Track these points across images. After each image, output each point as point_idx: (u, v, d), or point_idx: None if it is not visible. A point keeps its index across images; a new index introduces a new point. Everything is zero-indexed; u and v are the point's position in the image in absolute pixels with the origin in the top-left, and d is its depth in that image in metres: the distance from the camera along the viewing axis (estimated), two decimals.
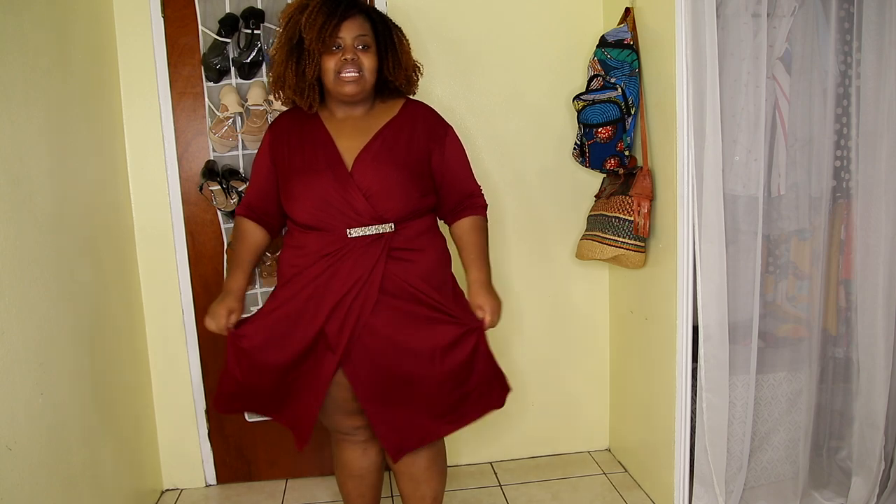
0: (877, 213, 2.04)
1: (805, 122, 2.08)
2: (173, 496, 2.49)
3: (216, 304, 1.77)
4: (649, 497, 2.35)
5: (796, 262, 2.18)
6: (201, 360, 2.47)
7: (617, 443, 2.66)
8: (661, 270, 2.16)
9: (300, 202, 1.71)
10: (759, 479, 2.23)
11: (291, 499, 2.43)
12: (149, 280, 2.40)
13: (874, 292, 2.06)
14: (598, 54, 2.22)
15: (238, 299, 1.79)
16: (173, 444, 2.50)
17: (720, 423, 2.07)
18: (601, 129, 2.18)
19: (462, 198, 1.83)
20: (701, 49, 1.93)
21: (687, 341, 2.07)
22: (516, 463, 2.64)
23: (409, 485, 1.88)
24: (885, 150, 1.99)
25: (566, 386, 2.66)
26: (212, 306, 1.77)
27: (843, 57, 2.08)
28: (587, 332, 2.64)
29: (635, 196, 2.16)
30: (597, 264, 2.56)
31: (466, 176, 1.84)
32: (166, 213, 2.37)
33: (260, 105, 2.27)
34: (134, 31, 2.30)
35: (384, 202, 1.67)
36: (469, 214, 1.83)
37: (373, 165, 1.68)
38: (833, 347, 2.24)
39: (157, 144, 2.35)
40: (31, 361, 1.65)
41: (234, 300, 1.78)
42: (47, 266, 1.75)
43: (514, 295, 2.57)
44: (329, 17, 1.62)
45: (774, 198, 2.12)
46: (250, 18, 2.26)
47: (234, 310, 1.76)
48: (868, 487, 2.12)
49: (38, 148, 1.75)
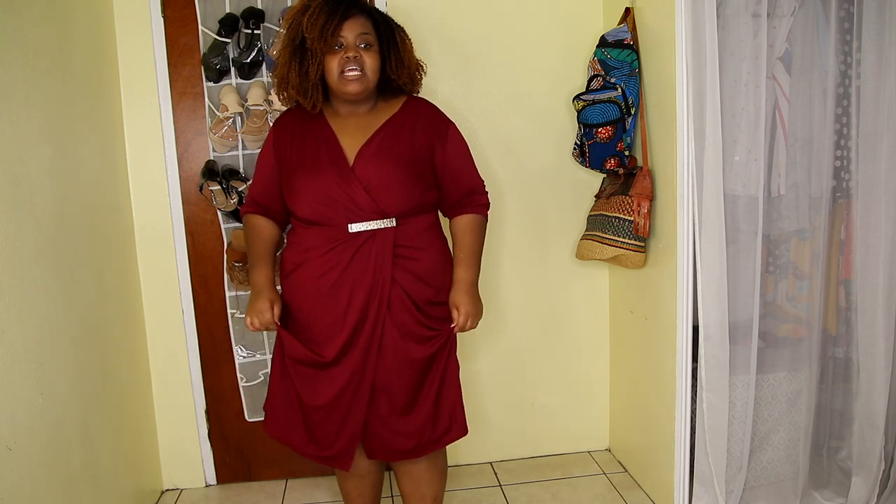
0: (877, 213, 2.04)
1: (805, 122, 2.08)
2: (173, 496, 2.49)
3: (256, 302, 1.77)
4: (649, 497, 2.35)
5: (796, 262, 2.18)
6: (201, 360, 2.46)
7: (617, 443, 2.66)
8: (661, 270, 2.16)
9: (303, 197, 1.72)
10: (759, 479, 2.23)
11: (291, 499, 2.43)
12: (149, 280, 2.40)
13: (874, 292, 2.06)
14: (598, 54, 2.22)
15: (272, 289, 1.79)
16: (173, 444, 2.50)
17: (720, 423, 2.07)
18: (601, 129, 2.19)
19: (464, 193, 1.83)
20: (701, 49, 1.93)
21: (687, 341, 2.07)
22: (516, 463, 2.64)
23: (410, 484, 1.88)
24: (885, 150, 1.99)
25: (566, 386, 2.66)
26: (251, 305, 1.77)
27: (843, 57, 2.08)
28: (587, 332, 2.64)
29: (635, 196, 2.16)
30: (597, 264, 2.56)
31: (469, 171, 1.85)
32: (166, 213, 2.38)
33: (260, 105, 2.27)
34: (134, 31, 2.30)
35: (385, 197, 1.68)
36: (469, 212, 1.83)
37: (374, 161, 1.69)
38: (833, 347, 2.24)
39: (157, 144, 2.35)
40: (31, 361, 1.65)
41: (270, 292, 1.79)
42: (47, 266, 1.75)
43: (514, 295, 2.58)
44: (330, 16, 1.63)
45: (774, 198, 2.12)
46: (250, 18, 2.26)
47: (274, 301, 1.77)
48: (868, 487, 2.12)
49: (38, 148, 1.75)
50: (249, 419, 2.50)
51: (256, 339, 2.46)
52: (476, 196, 1.85)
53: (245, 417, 2.49)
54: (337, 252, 1.69)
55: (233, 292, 2.42)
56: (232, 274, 2.36)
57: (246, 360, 2.46)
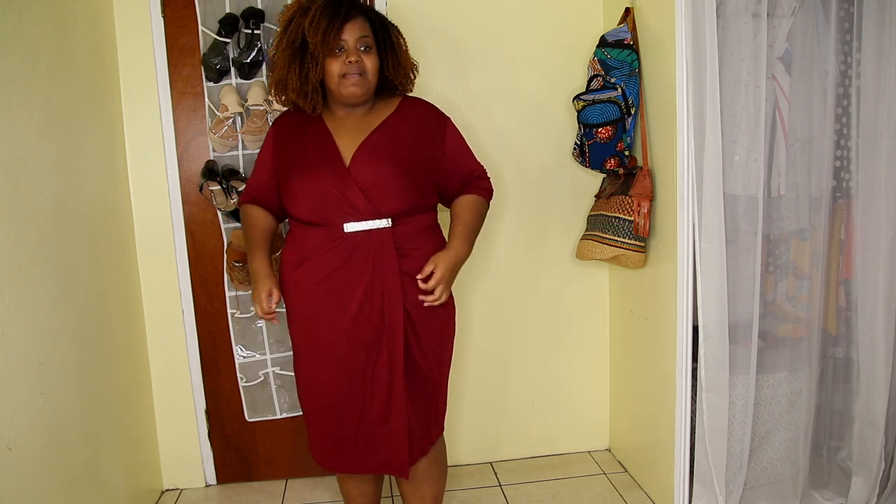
0: (877, 213, 2.04)
1: (805, 122, 2.08)
2: (173, 496, 2.49)
3: (254, 293, 1.78)
4: (649, 497, 2.35)
5: (796, 262, 2.18)
6: (201, 360, 2.46)
7: (617, 443, 2.66)
8: (661, 270, 2.16)
9: (300, 198, 1.72)
10: (759, 479, 2.23)
11: (291, 499, 2.43)
12: (149, 280, 2.40)
13: (874, 292, 2.06)
14: (598, 54, 2.22)
15: (269, 277, 1.79)
16: (173, 444, 2.50)
17: (720, 423, 2.07)
18: (601, 129, 2.18)
19: (465, 178, 1.84)
20: (701, 49, 1.93)
21: (687, 341, 2.07)
22: (516, 463, 2.64)
23: (410, 484, 1.88)
24: (885, 150, 1.99)
25: (566, 386, 2.66)
26: (253, 294, 1.78)
27: (843, 57, 2.08)
28: (587, 332, 2.64)
29: (635, 196, 2.16)
30: (597, 264, 2.56)
31: (468, 157, 1.86)
32: (166, 212, 2.38)
33: (260, 105, 2.27)
34: (134, 31, 2.30)
35: (381, 196, 1.68)
36: (471, 193, 1.85)
37: (370, 160, 1.69)
38: (833, 347, 2.24)
39: (157, 144, 2.35)
40: (32, 361, 1.65)
41: (268, 279, 1.78)
42: (47, 266, 1.75)
43: (514, 295, 2.57)
44: (332, 19, 1.63)
45: (774, 198, 2.12)
46: (250, 18, 2.26)
47: (271, 289, 1.77)
48: (868, 487, 2.12)
49: (38, 148, 1.75)
50: (249, 419, 2.50)
51: (256, 340, 2.46)
52: (478, 180, 1.86)
53: (245, 417, 2.49)
54: (334, 252, 1.69)
55: (233, 292, 2.42)
56: (232, 274, 2.36)
57: (246, 360, 2.46)
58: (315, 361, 1.76)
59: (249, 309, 2.42)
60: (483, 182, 1.88)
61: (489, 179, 1.90)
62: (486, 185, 1.88)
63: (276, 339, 2.46)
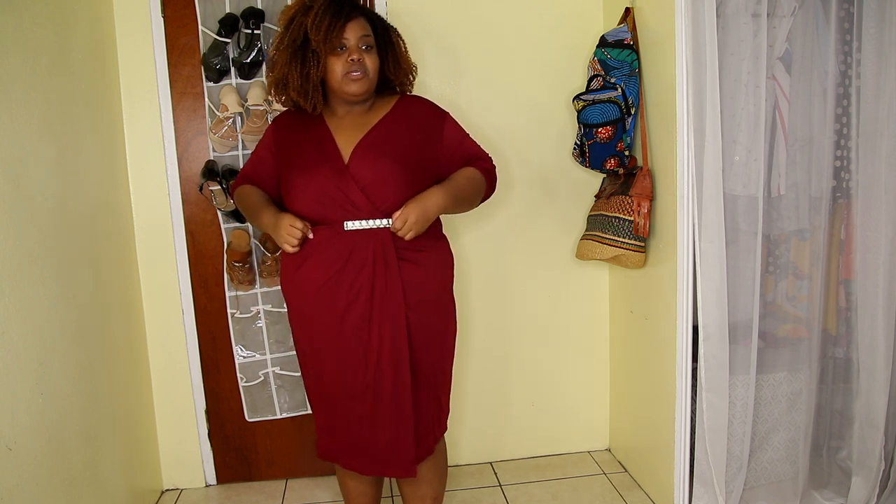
0: (877, 213, 2.04)
1: (805, 122, 2.08)
2: (173, 496, 2.49)
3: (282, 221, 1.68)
4: (649, 497, 2.35)
5: (796, 262, 2.18)
6: (201, 360, 2.46)
7: (617, 443, 2.66)
8: (661, 270, 2.16)
9: (300, 196, 1.72)
10: (759, 479, 2.23)
11: (291, 499, 2.43)
12: (149, 280, 2.40)
13: (874, 292, 2.06)
14: (598, 54, 2.22)
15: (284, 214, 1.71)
16: (173, 444, 2.50)
17: (720, 423, 2.07)
18: (601, 129, 2.18)
19: (467, 161, 1.84)
20: (701, 49, 1.93)
21: (687, 341, 2.07)
22: (516, 463, 2.64)
23: (410, 485, 1.88)
24: (885, 150, 1.99)
25: (566, 386, 2.66)
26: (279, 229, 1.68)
27: (843, 57, 2.08)
28: (587, 332, 2.64)
29: (635, 196, 2.16)
30: (597, 264, 2.56)
31: (469, 144, 1.86)
32: (166, 213, 2.38)
33: (260, 105, 2.27)
34: (134, 31, 2.30)
35: (380, 194, 1.68)
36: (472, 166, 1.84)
37: (369, 158, 1.70)
38: (833, 347, 2.24)
39: (157, 144, 2.35)
40: (32, 361, 1.65)
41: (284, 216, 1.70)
42: (47, 266, 1.75)
43: (514, 294, 2.57)
44: (334, 18, 1.64)
45: (774, 198, 2.12)
46: (250, 18, 2.26)
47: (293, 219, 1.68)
48: (868, 487, 2.12)
49: (38, 148, 1.75)
50: (249, 419, 2.50)
51: (256, 340, 2.46)
52: (480, 161, 1.86)
53: (245, 417, 2.49)
54: (335, 251, 1.69)
55: (233, 292, 2.42)
56: (232, 274, 2.36)
57: (246, 360, 2.46)
58: (319, 361, 1.76)
59: (250, 309, 2.42)
60: (486, 164, 1.87)
61: (494, 165, 1.89)
62: (489, 166, 1.87)
63: (277, 339, 2.46)
